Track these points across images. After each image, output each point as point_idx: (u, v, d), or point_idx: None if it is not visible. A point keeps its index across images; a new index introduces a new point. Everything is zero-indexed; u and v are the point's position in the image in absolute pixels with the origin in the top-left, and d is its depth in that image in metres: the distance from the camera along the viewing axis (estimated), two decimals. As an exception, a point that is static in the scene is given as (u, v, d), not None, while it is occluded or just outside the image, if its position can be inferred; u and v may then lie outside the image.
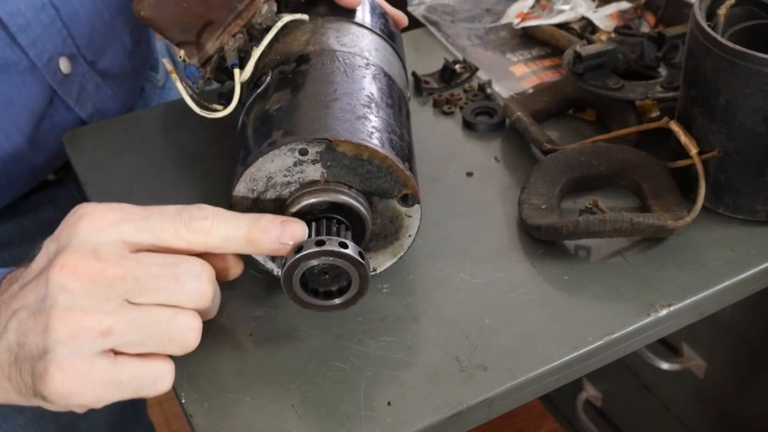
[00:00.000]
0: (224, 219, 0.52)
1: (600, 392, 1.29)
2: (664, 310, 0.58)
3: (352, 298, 0.53)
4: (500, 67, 0.84)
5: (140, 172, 0.71)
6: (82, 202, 0.52)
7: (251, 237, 0.52)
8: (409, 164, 0.57)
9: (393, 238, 0.58)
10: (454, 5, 0.93)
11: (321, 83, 0.58)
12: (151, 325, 0.49)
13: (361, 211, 0.55)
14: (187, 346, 0.51)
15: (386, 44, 0.67)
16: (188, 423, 0.53)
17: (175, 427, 1.55)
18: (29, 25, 0.73)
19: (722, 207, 0.65)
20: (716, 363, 1.06)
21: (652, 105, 0.73)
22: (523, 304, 0.59)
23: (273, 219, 0.52)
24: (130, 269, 0.49)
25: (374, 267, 0.59)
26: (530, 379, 0.54)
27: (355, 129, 0.54)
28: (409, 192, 0.56)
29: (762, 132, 0.60)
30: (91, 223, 0.50)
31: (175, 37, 0.63)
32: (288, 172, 0.55)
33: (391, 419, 0.52)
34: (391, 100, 0.60)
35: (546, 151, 0.70)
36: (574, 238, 0.61)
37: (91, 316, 0.48)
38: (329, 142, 0.53)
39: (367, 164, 0.54)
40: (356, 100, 0.57)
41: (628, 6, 0.87)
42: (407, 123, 0.62)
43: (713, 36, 0.59)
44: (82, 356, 0.48)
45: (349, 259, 0.51)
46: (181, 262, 0.50)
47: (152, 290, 0.49)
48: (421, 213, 0.57)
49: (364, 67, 0.61)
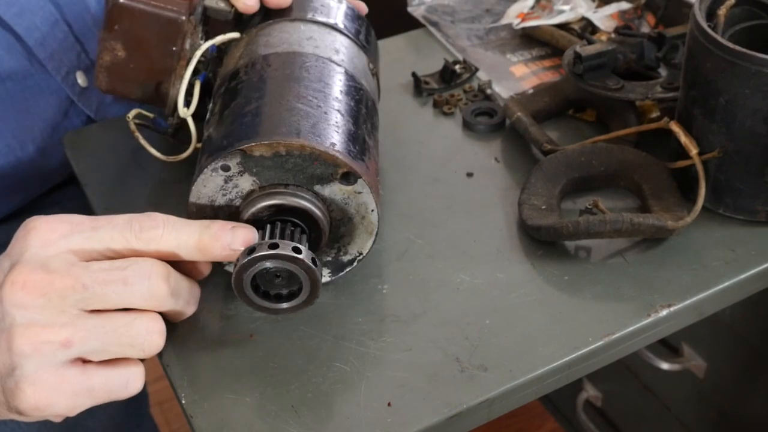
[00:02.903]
0: (174, 227, 0.52)
1: (600, 392, 1.29)
2: (664, 310, 0.58)
3: (302, 302, 0.53)
4: (500, 68, 0.84)
5: (140, 173, 0.71)
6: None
7: (202, 244, 0.52)
8: (349, 143, 0.55)
9: (359, 218, 0.57)
10: (454, 6, 0.93)
11: (241, 96, 0.58)
12: (109, 332, 0.49)
13: (303, 204, 0.54)
14: (150, 349, 0.51)
15: (323, 27, 0.65)
16: (188, 424, 0.53)
17: (176, 427, 1.55)
18: (45, 39, 0.75)
19: (722, 207, 0.65)
20: (716, 363, 1.06)
21: (652, 105, 0.73)
22: (524, 304, 0.59)
23: (223, 225, 0.52)
24: (78, 278, 0.49)
25: (359, 251, 0.58)
26: (530, 380, 0.54)
27: (266, 129, 0.54)
28: (344, 170, 0.54)
29: (762, 132, 0.60)
30: (39, 236, 0.51)
31: (140, 98, 0.65)
32: (224, 191, 0.55)
33: (391, 420, 0.52)
34: (318, 84, 0.58)
35: (546, 152, 0.70)
36: (574, 238, 0.61)
37: (49, 330, 0.48)
38: (242, 151, 0.53)
39: (289, 158, 0.53)
40: (272, 98, 0.56)
41: (628, 6, 0.87)
42: (347, 100, 0.59)
43: (713, 36, 0.59)
44: (49, 369, 0.48)
45: (301, 264, 0.51)
46: (129, 264, 0.50)
47: (102, 296, 0.49)
48: (372, 185, 0.55)
49: (283, 61, 0.60)
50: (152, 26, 0.61)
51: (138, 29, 0.61)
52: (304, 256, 0.51)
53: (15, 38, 0.73)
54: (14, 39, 0.73)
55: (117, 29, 0.61)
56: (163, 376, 0.56)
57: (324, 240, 0.56)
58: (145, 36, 0.62)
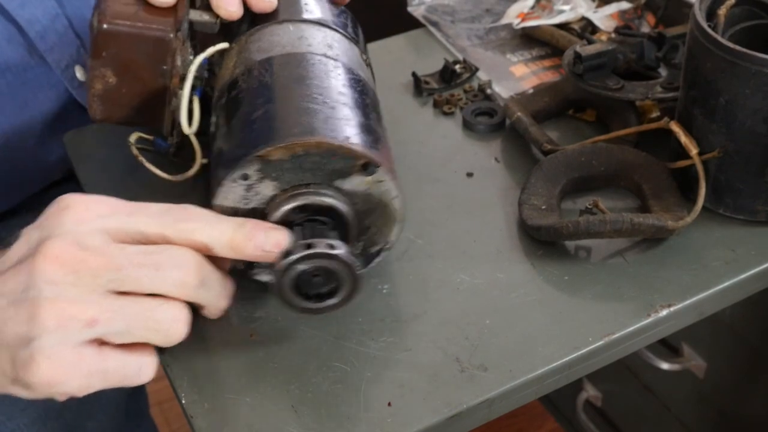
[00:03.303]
0: (209, 222, 0.52)
1: (600, 392, 1.29)
2: (664, 310, 0.58)
3: (345, 297, 0.53)
4: (500, 68, 0.84)
5: (140, 173, 0.71)
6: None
7: (235, 242, 0.52)
8: (362, 134, 0.55)
9: (382, 206, 0.56)
10: (454, 5, 0.93)
11: (245, 104, 0.58)
12: (135, 315, 0.49)
13: (328, 201, 0.54)
14: (173, 337, 0.51)
15: (312, 25, 0.64)
16: (188, 424, 0.53)
17: (176, 427, 1.55)
18: (46, 32, 0.75)
19: (722, 207, 0.65)
20: (716, 363, 1.06)
21: (652, 105, 0.73)
22: (524, 304, 0.59)
23: (257, 225, 0.52)
24: (113, 258, 0.49)
25: (387, 240, 0.58)
26: (530, 380, 0.54)
27: (280, 132, 0.54)
28: (363, 161, 0.54)
29: (762, 132, 0.60)
30: (76, 213, 0.50)
31: (137, 122, 0.64)
32: (246, 200, 0.55)
33: (391, 420, 0.52)
34: (320, 81, 0.58)
35: (546, 152, 0.70)
36: (574, 238, 0.61)
37: (76, 306, 0.48)
38: (260, 157, 0.53)
39: (307, 157, 0.53)
40: (278, 101, 0.56)
41: (628, 6, 0.87)
42: (351, 93, 0.59)
43: (713, 36, 0.59)
44: (68, 345, 0.48)
45: (339, 260, 0.51)
46: (163, 250, 0.50)
47: (134, 279, 0.49)
48: (391, 172, 0.55)
49: (281, 64, 0.60)
50: (140, 48, 0.60)
51: (126, 53, 0.61)
52: (340, 251, 0.51)
53: (17, 29, 0.74)
54: (16, 30, 0.74)
55: (105, 56, 0.60)
56: (163, 376, 0.56)
57: (352, 234, 0.56)
58: (135, 58, 0.61)
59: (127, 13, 0.61)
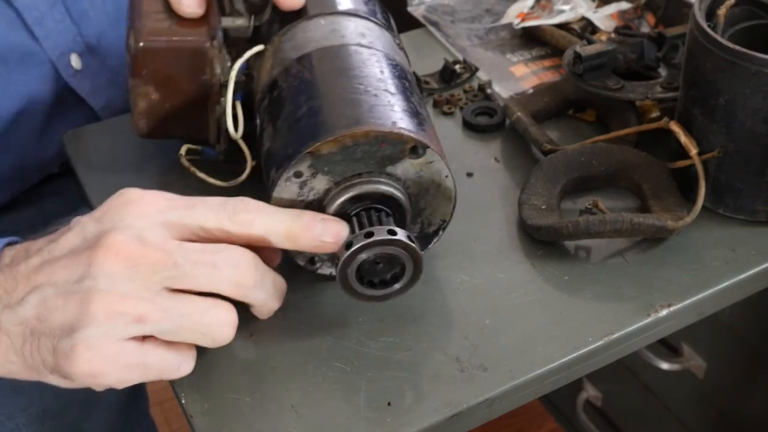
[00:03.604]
0: (267, 213, 0.52)
1: (600, 392, 1.29)
2: (664, 310, 0.58)
3: (409, 280, 0.54)
4: (500, 68, 0.84)
5: (141, 173, 0.71)
6: (123, 190, 0.52)
7: (292, 233, 0.52)
8: (408, 118, 0.55)
9: (435, 187, 0.57)
10: (454, 5, 0.93)
11: (288, 102, 0.58)
12: (185, 316, 0.49)
13: (382, 189, 0.55)
14: (219, 341, 0.51)
15: (342, 16, 0.65)
16: (188, 424, 0.53)
17: (176, 426, 1.55)
18: (43, 18, 0.76)
19: (722, 207, 0.65)
20: (716, 363, 1.06)
21: (652, 105, 0.73)
22: (524, 304, 0.59)
23: (314, 216, 0.53)
24: (171, 254, 0.49)
25: (442, 219, 0.59)
26: (530, 380, 0.54)
27: (327, 126, 0.54)
28: (411, 145, 0.55)
29: (762, 132, 0.60)
30: (138, 208, 0.51)
31: (183, 135, 0.65)
32: (301, 196, 0.55)
33: (391, 420, 0.52)
34: (358, 70, 0.59)
35: (546, 152, 0.70)
36: (574, 238, 0.61)
37: (128, 302, 0.48)
38: (310, 153, 0.53)
39: (356, 147, 0.54)
40: (321, 96, 0.57)
41: (628, 6, 0.87)
42: (390, 78, 0.59)
43: (713, 36, 0.59)
44: (112, 339, 0.48)
45: (400, 245, 0.52)
46: (221, 249, 0.50)
47: (191, 276, 0.49)
48: (440, 152, 0.56)
49: (318, 59, 0.60)
50: (178, 60, 0.62)
51: (165, 67, 0.62)
52: (401, 236, 0.52)
53: (15, 14, 0.74)
54: (15, 15, 0.74)
55: (145, 73, 0.62)
56: (163, 376, 0.56)
57: (408, 218, 0.57)
58: (174, 72, 0.62)
59: (162, 29, 0.62)
